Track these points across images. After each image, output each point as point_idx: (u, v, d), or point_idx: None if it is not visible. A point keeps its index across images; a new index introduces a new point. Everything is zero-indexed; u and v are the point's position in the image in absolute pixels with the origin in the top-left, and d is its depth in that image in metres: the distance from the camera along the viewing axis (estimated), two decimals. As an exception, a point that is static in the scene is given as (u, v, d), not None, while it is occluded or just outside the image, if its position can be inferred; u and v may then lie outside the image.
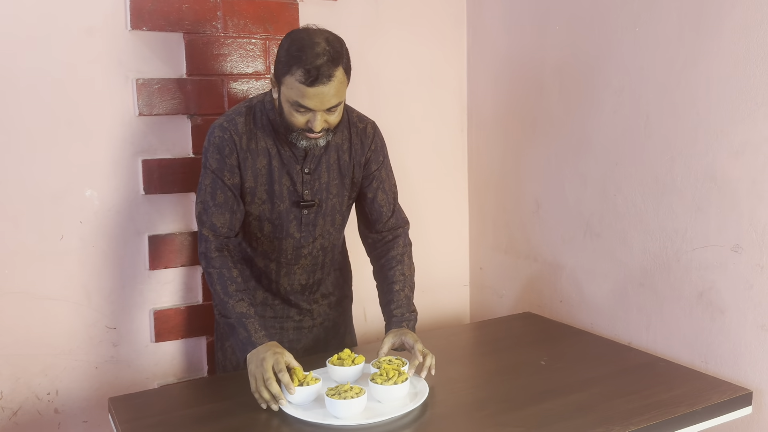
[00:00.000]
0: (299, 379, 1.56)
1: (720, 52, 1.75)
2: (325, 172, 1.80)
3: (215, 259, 1.73)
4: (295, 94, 1.59)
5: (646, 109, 1.96)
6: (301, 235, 1.83)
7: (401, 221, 1.92)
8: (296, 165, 1.77)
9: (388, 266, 1.86)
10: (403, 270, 1.85)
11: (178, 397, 1.76)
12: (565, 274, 2.29)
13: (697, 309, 1.86)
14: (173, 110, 2.09)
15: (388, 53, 2.48)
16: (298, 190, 1.78)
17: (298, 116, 1.63)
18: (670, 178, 1.90)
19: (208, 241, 1.74)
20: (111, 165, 2.05)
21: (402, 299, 1.80)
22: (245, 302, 1.69)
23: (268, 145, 1.75)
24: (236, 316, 1.67)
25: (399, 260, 1.86)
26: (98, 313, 2.07)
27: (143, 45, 2.05)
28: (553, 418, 1.51)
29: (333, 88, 1.59)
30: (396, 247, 1.88)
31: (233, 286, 1.71)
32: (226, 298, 1.69)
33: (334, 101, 1.61)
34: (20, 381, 1.98)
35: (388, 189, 1.89)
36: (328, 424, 1.48)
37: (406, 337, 1.72)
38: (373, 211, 1.88)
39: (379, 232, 1.90)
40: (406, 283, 1.84)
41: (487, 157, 2.60)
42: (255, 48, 2.18)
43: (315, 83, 1.56)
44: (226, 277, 1.71)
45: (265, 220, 1.80)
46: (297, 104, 1.60)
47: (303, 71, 1.56)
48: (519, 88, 2.42)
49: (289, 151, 1.76)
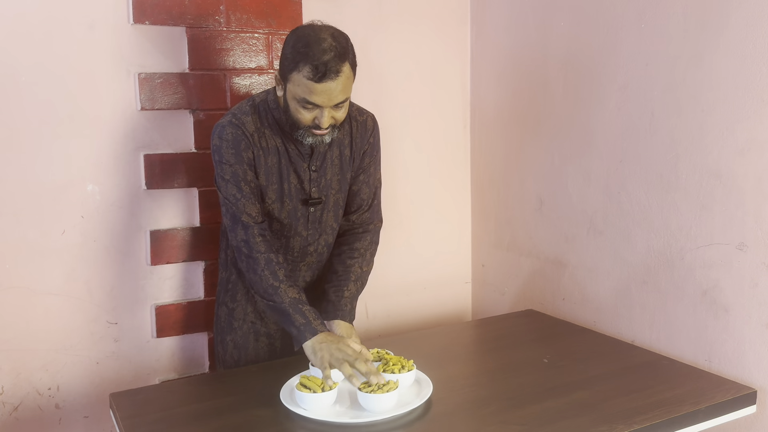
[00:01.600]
0: (319, 386, 1.54)
1: (726, 48, 1.74)
2: (330, 169, 1.80)
3: (260, 243, 1.71)
4: (303, 90, 1.58)
5: (650, 106, 1.94)
6: (308, 233, 1.83)
7: (375, 217, 1.93)
8: (303, 163, 1.76)
9: (349, 254, 1.86)
10: (362, 264, 1.86)
11: (180, 393, 1.75)
12: (568, 272, 2.28)
13: (701, 307, 1.85)
14: (175, 105, 2.08)
15: (391, 49, 2.46)
16: (305, 188, 1.78)
17: (305, 113, 1.62)
18: (674, 175, 1.89)
19: (249, 227, 1.71)
20: (112, 160, 2.04)
21: (352, 290, 1.82)
22: (296, 288, 1.70)
23: (276, 144, 1.74)
24: (290, 302, 1.66)
25: (362, 254, 1.87)
26: (99, 308, 2.06)
27: (145, 39, 2.04)
28: (555, 417, 1.50)
29: (340, 84, 1.58)
30: (363, 241, 1.88)
31: (282, 271, 1.70)
32: (277, 283, 1.68)
33: (341, 97, 1.60)
34: (21, 376, 1.98)
35: (372, 183, 1.90)
36: (329, 421, 1.48)
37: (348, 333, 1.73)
38: (353, 202, 1.88)
39: (351, 222, 1.90)
40: (361, 277, 1.85)
41: (490, 154, 2.59)
42: (258, 43, 2.17)
43: (323, 79, 1.55)
44: (275, 262, 1.70)
45: (273, 219, 1.79)
46: (304, 101, 1.60)
47: (311, 67, 1.55)
48: (522, 84, 2.41)
49: (296, 149, 1.75)
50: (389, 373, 1.58)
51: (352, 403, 1.56)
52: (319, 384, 1.53)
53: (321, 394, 1.50)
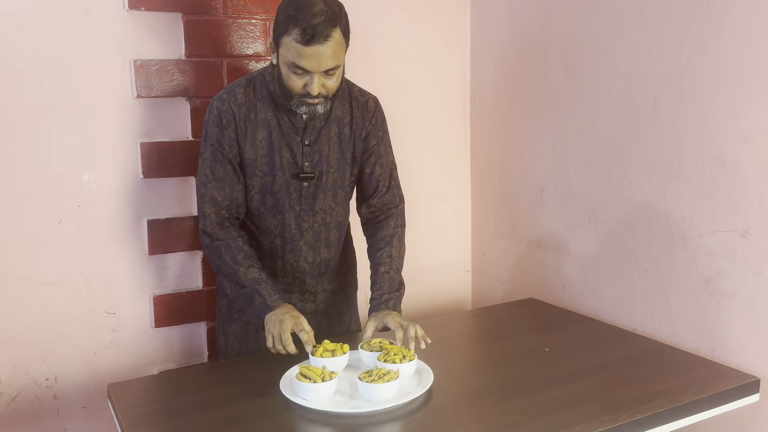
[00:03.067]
0: (319, 376, 1.52)
1: (730, 33, 1.71)
2: (326, 145, 1.78)
3: (218, 232, 1.74)
4: (292, 54, 1.58)
5: (653, 93, 1.92)
6: (301, 208, 1.81)
7: (396, 198, 1.91)
8: (296, 137, 1.75)
9: (376, 247, 1.86)
10: (391, 252, 1.84)
11: (179, 383, 1.74)
12: (569, 261, 2.27)
13: (704, 296, 1.84)
14: (172, 92, 2.05)
15: (391, 36, 2.44)
16: (297, 162, 1.76)
17: (295, 79, 1.61)
18: (677, 163, 1.87)
19: (208, 217, 1.75)
20: (109, 148, 2.02)
21: (385, 281, 1.79)
22: (255, 268, 1.71)
23: (267, 117, 1.73)
24: (249, 283, 1.69)
25: (387, 241, 1.85)
26: (97, 298, 2.05)
27: (141, 25, 2.01)
28: (557, 407, 1.49)
29: (330, 49, 1.57)
30: (387, 228, 1.86)
31: (241, 254, 1.72)
32: (236, 267, 1.71)
33: (331, 63, 1.59)
34: (18, 367, 1.96)
35: (386, 164, 1.88)
36: (329, 411, 1.46)
37: (386, 318, 1.71)
38: (369, 185, 1.87)
39: (373, 208, 1.88)
40: (392, 265, 1.82)
41: (490, 142, 2.57)
42: (255, 29, 2.14)
43: (311, 42, 1.55)
44: (233, 246, 1.73)
45: (267, 193, 1.78)
46: (294, 65, 1.59)
47: (299, 30, 1.55)
48: (523, 71, 2.38)
49: (289, 122, 1.74)
50: (390, 362, 1.57)
51: (353, 393, 1.54)
52: (319, 374, 1.51)
53: (321, 384, 1.49)
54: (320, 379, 1.50)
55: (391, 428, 1.43)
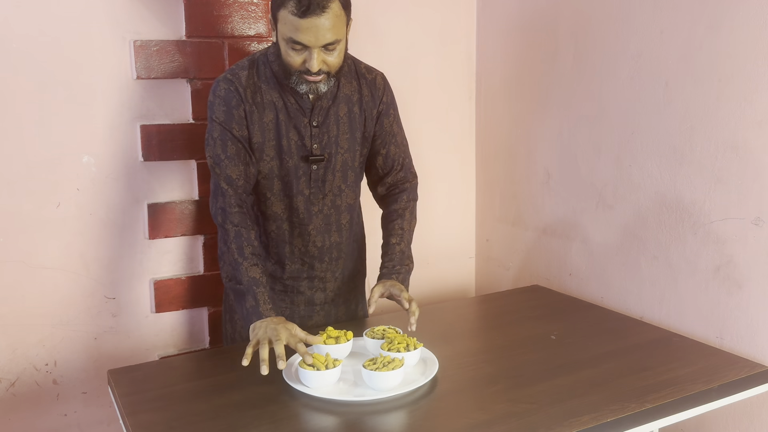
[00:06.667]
0: (323, 363, 1.49)
1: (745, 14, 1.67)
2: (335, 126, 1.74)
3: (235, 214, 1.68)
4: (289, 29, 1.53)
5: (665, 76, 1.88)
6: (311, 191, 1.77)
7: (410, 175, 1.90)
8: (303, 118, 1.71)
9: (389, 219, 1.85)
10: (402, 224, 1.83)
11: (179, 369, 1.71)
12: (575, 247, 2.24)
13: (714, 283, 1.81)
14: (172, 73, 2.01)
15: (396, 18, 2.39)
16: (306, 144, 1.72)
17: (294, 55, 1.57)
18: (689, 147, 1.83)
19: (227, 195, 1.68)
20: (108, 130, 1.98)
21: (396, 253, 1.78)
22: (259, 268, 1.64)
23: (273, 99, 1.69)
24: (247, 282, 1.62)
25: (400, 214, 1.84)
26: (97, 282, 2.02)
27: (141, 5, 1.96)
28: (565, 395, 1.46)
29: (328, 21, 1.52)
30: (399, 201, 1.86)
31: (249, 248, 1.66)
32: (241, 259, 1.64)
33: (329, 37, 1.54)
34: (17, 352, 1.94)
35: (401, 143, 1.86)
36: (333, 399, 1.44)
37: (393, 287, 1.69)
38: (385, 164, 1.85)
39: (387, 185, 1.87)
40: (404, 237, 1.82)
41: (496, 125, 2.53)
42: (257, 9, 2.10)
43: (307, 13, 1.50)
44: (244, 237, 1.66)
45: (274, 178, 1.74)
46: (291, 40, 1.54)
47: (295, 1, 1.50)
48: (530, 53, 2.33)
49: (296, 103, 1.69)
50: (394, 351, 1.54)
51: (357, 381, 1.52)
52: (322, 361, 1.49)
53: (324, 372, 1.47)
54: (324, 367, 1.48)
55: (395, 417, 1.41)
